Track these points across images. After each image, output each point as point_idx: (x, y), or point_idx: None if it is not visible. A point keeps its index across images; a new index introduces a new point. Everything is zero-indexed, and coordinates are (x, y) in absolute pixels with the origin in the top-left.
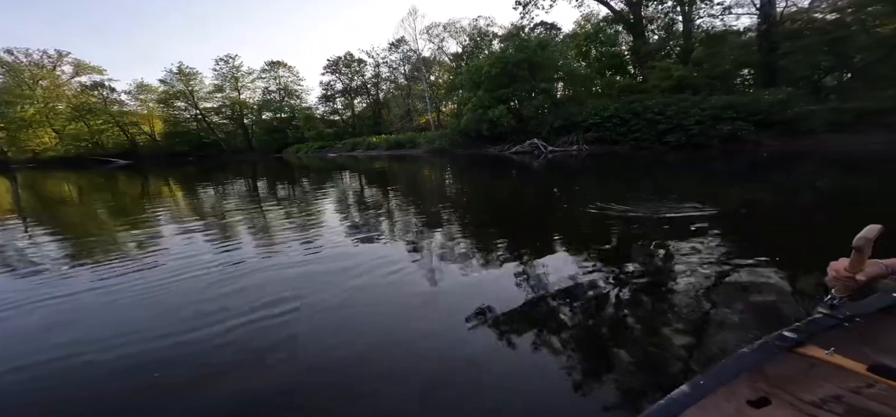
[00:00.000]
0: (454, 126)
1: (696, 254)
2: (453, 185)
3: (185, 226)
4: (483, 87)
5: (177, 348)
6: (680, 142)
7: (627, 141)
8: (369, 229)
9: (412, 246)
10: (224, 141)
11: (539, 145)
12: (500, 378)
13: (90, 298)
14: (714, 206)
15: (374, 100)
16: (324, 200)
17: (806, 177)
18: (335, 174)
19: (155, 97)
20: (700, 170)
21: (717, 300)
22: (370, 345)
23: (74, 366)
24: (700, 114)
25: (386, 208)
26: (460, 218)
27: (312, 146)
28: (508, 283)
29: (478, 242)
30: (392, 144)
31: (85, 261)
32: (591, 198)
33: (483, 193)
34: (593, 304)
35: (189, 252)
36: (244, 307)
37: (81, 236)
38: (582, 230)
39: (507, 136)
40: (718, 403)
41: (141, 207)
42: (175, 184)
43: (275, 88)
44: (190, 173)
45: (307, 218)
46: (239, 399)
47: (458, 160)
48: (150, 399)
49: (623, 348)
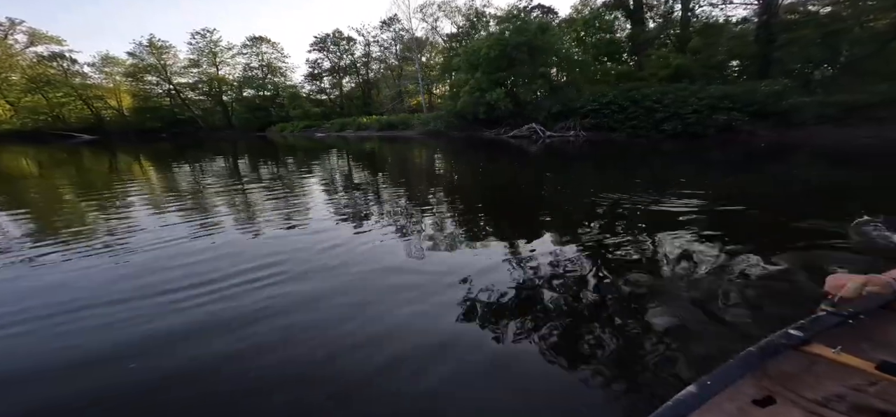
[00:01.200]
0: (450, 108)
1: (690, 245)
2: (452, 169)
3: (158, 207)
4: (481, 69)
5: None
6: (676, 131)
7: (625, 128)
8: (366, 212)
9: (409, 227)
10: (201, 118)
11: (538, 130)
12: (483, 364)
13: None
14: (711, 198)
15: (364, 81)
16: (321, 182)
17: (798, 168)
18: (325, 154)
19: (122, 71)
20: (697, 160)
21: (712, 293)
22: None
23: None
24: (697, 104)
25: (388, 191)
26: (463, 203)
27: (298, 125)
28: (511, 280)
29: (479, 229)
30: (384, 125)
31: (46, 241)
32: (588, 186)
33: (483, 178)
34: (578, 293)
35: (163, 234)
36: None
37: (42, 214)
38: (575, 218)
39: (504, 120)
40: (723, 403)
41: (107, 186)
42: (146, 162)
43: (257, 65)
44: (163, 151)
45: (302, 200)
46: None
47: (454, 143)
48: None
49: (614, 348)
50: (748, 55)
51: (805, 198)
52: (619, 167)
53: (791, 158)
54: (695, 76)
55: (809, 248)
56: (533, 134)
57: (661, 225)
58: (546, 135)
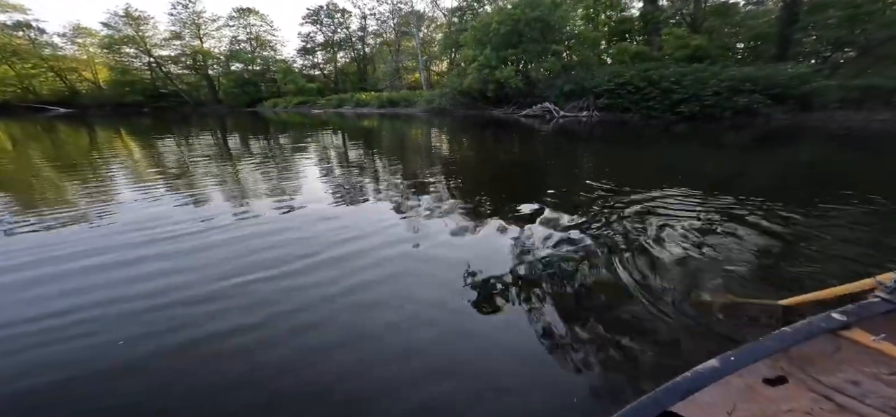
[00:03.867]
0: (456, 85)
1: (703, 227)
2: (466, 150)
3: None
4: (490, 46)
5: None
6: (693, 113)
7: (639, 109)
8: (375, 192)
9: (419, 207)
10: (186, 92)
11: (551, 109)
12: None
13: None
14: (725, 181)
15: (360, 56)
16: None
17: (815, 151)
18: (324, 133)
19: (96, 42)
20: (712, 143)
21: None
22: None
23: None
24: (718, 85)
25: (408, 172)
26: (483, 187)
27: (292, 101)
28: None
29: (495, 216)
30: (384, 102)
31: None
32: (598, 167)
33: (503, 160)
34: (580, 273)
35: (145, 210)
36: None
37: (20, 191)
38: (577, 200)
39: (513, 99)
40: (734, 380)
41: (89, 161)
42: (128, 138)
43: (245, 38)
44: (142, 126)
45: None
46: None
47: (462, 121)
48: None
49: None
50: (769, 36)
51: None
52: (632, 148)
53: (809, 141)
54: (714, 57)
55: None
56: (546, 113)
57: (669, 206)
58: (560, 115)
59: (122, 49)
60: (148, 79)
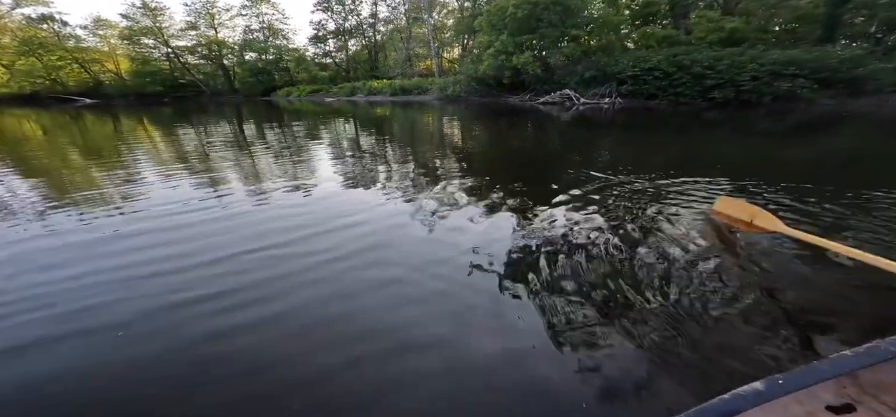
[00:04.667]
0: (470, 72)
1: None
2: (481, 139)
3: (173, 169)
4: (507, 31)
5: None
6: (727, 99)
7: (667, 95)
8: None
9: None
10: (203, 82)
11: (572, 96)
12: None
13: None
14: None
15: (371, 43)
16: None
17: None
18: (338, 121)
19: (116, 33)
20: (746, 130)
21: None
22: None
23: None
24: (757, 70)
25: (425, 160)
26: (502, 176)
27: (305, 89)
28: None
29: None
30: (397, 90)
31: (61, 205)
32: (616, 156)
33: (519, 149)
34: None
35: (173, 195)
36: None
37: (56, 178)
38: (593, 189)
39: (530, 86)
40: (790, 405)
41: (122, 152)
42: (151, 126)
43: (257, 27)
44: (166, 115)
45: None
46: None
47: (477, 109)
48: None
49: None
50: (811, 17)
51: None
52: (657, 135)
53: (858, 127)
54: (753, 40)
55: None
56: (566, 100)
57: (692, 195)
58: (580, 102)
59: (141, 40)
60: (167, 69)
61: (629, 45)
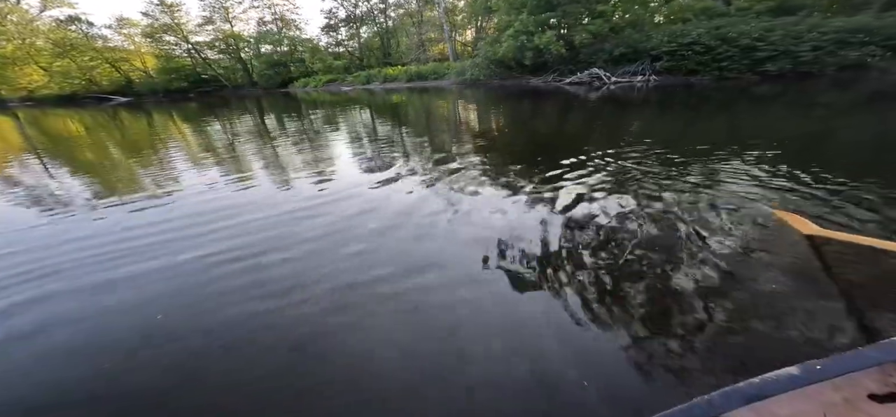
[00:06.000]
0: (489, 54)
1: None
2: (501, 123)
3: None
4: (527, 10)
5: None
6: (782, 71)
7: (709, 70)
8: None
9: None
10: (223, 76)
11: (601, 75)
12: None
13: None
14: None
15: (383, 29)
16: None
17: None
18: (356, 110)
19: (139, 31)
20: (806, 104)
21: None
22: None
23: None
24: (818, 39)
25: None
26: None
27: (321, 79)
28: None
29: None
30: (412, 76)
31: (110, 198)
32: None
33: (542, 133)
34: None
35: (205, 188)
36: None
37: (102, 173)
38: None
39: (553, 66)
40: (825, 391)
41: (159, 145)
42: (180, 121)
43: (270, 18)
44: (192, 110)
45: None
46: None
47: (496, 92)
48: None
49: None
50: None
51: None
52: (695, 112)
53: None
54: (812, 7)
55: None
56: (594, 80)
57: (737, 177)
58: (611, 81)
59: (163, 37)
60: (189, 65)
61: (658, 19)
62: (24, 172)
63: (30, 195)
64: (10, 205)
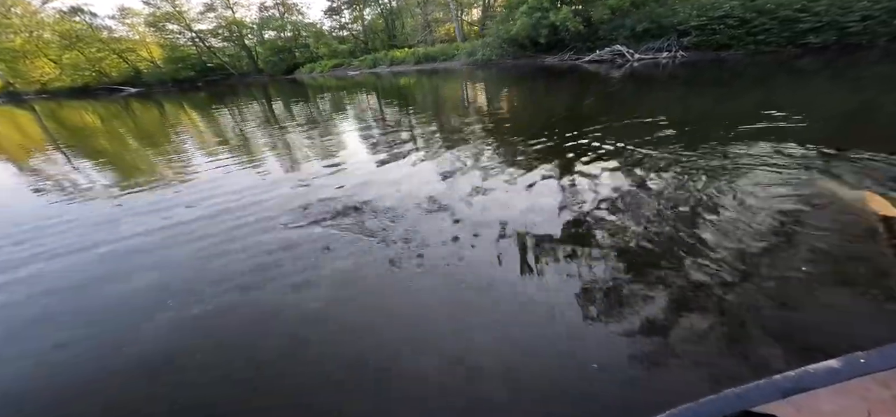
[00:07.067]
0: (501, 33)
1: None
2: (514, 105)
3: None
4: None
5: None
6: (826, 43)
7: (743, 44)
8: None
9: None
10: (229, 64)
11: (624, 52)
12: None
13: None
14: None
15: (386, 10)
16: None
17: None
18: (363, 94)
19: (142, 20)
20: (852, 77)
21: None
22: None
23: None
24: (870, 8)
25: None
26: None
27: (327, 64)
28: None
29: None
30: (420, 58)
31: (131, 186)
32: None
33: (559, 113)
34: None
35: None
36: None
37: (122, 162)
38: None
39: (570, 44)
40: (870, 387)
41: (170, 133)
42: (191, 110)
43: (271, 3)
44: (199, 99)
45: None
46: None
47: (509, 73)
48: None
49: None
50: None
51: None
52: (726, 89)
53: None
54: None
55: None
56: (616, 57)
57: (771, 160)
58: (635, 58)
59: (166, 26)
60: (194, 53)
61: None
62: (72, 171)
63: (68, 186)
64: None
